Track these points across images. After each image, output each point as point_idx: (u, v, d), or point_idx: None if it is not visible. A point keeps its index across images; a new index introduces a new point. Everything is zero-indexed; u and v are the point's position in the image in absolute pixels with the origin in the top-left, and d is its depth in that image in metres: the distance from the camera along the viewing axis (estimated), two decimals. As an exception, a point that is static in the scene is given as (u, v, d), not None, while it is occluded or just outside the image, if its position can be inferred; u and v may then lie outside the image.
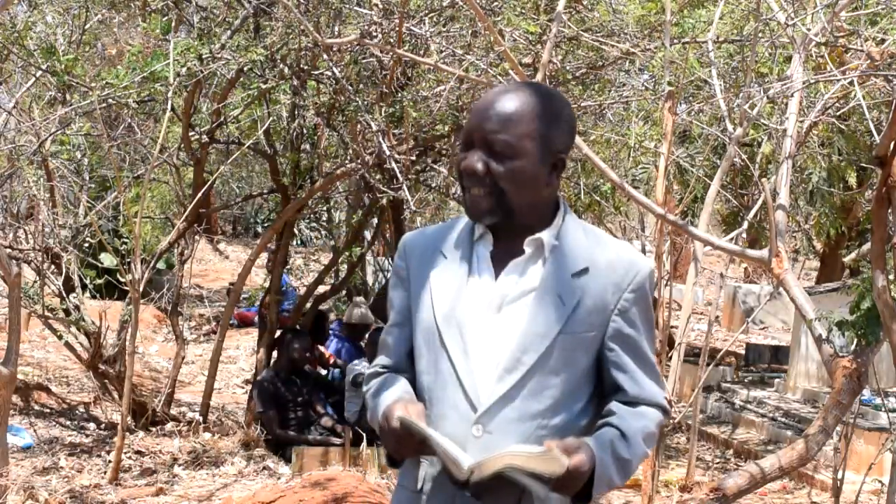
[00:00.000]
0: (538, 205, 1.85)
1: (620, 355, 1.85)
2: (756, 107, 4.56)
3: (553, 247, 1.84)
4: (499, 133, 1.78)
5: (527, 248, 1.84)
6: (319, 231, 14.11)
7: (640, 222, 11.64)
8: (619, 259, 1.84)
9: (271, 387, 6.36)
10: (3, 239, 6.50)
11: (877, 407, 6.79)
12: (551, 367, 1.80)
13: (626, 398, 1.86)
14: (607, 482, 1.76)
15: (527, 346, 1.79)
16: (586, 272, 1.82)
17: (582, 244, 1.85)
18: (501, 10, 5.33)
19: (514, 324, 1.81)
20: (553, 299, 1.80)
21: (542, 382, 1.80)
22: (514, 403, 1.79)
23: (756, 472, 3.75)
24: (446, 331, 1.83)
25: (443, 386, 1.84)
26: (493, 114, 1.79)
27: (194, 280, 10.61)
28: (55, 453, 5.79)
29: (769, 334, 13.39)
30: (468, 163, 1.81)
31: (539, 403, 1.80)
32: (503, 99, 1.81)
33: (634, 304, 1.84)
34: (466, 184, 1.83)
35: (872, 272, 3.41)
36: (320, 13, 5.52)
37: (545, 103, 1.82)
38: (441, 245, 1.91)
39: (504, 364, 1.80)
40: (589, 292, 1.81)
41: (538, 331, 1.79)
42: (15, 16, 6.82)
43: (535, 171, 1.81)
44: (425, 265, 1.90)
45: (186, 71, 5.44)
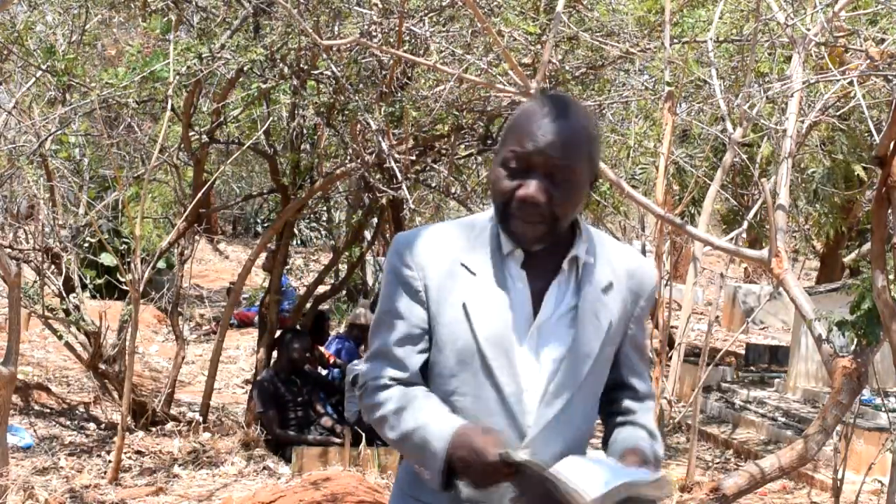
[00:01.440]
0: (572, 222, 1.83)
1: (632, 358, 1.91)
2: (756, 107, 4.57)
3: (585, 264, 1.82)
4: (562, 160, 1.72)
5: (566, 265, 1.80)
6: (319, 231, 14.12)
7: (641, 222, 11.64)
8: (635, 269, 1.88)
9: (271, 387, 6.36)
10: (3, 239, 6.51)
11: (877, 407, 6.79)
12: (593, 386, 1.84)
13: (637, 395, 1.93)
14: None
15: (574, 368, 1.78)
16: (611, 287, 1.83)
17: (604, 257, 1.85)
18: (501, 11, 5.33)
19: (557, 346, 1.78)
20: (591, 319, 1.79)
21: (583, 401, 1.82)
22: (561, 424, 1.79)
23: (756, 472, 3.75)
24: (491, 354, 1.76)
25: (486, 410, 1.77)
26: (555, 138, 1.71)
27: (194, 280, 10.61)
28: (55, 453, 5.79)
29: (769, 334, 13.40)
30: (530, 192, 1.72)
31: (574, 419, 1.81)
32: (560, 122, 1.73)
33: (645, 311, 1.91)
34: (522, 213, 1.74)
35: (872, 272, 3.41)
36: (320, 13, 5.52)
37: (587, 121, 1.78)
38: (462, 256, 1.81)
39: (552, 389, 1.77)
40: (616, 307, 1.83)
41: (582, 352, 1.78)
42: (15, 16, 6.82)
43: (584, 193, 1.79)
44: (447, 278, 1.80)
45: (186, 70, 5.44)
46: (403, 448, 1.81)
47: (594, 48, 5.60)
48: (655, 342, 4.61)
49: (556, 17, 4.15)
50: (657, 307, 4.77)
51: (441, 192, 7.56)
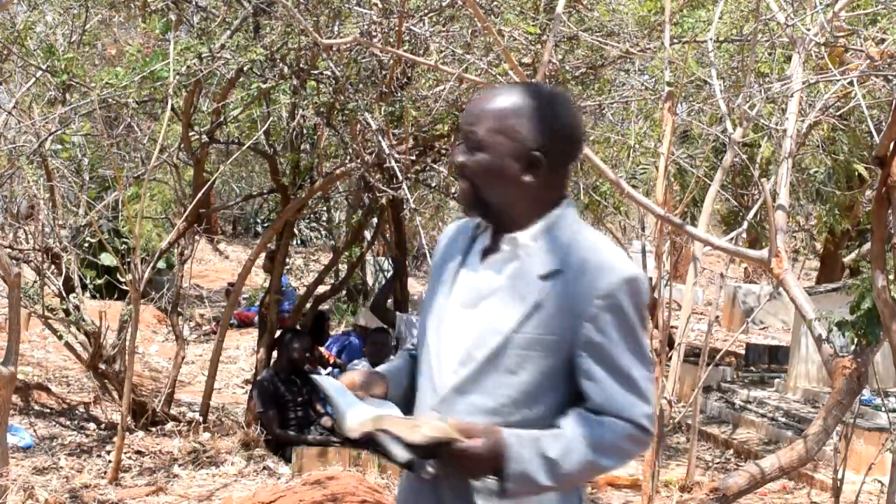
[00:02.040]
0: (520, 204, 1.87)
1: (589, 363, 1.80)
2: (756, 107, 4.56)
3: (528, 247, 1.85)
4: (471, 126, 1.86)
5: (504, 247, 1.89)
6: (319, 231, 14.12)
7: (641, 222, 11.63)
8: (594, 265, 1.80)
9: (271, 387, 6.36)
10: (3, 239, 6.50)
11: (877, 407, 6.79)
12: (505, 366, 1.82)
13: (590, 406, 1.80)
14: (524, 478, 1.74)
15: (480, 341, 1.84)
16: (557, 275, 1.81)
17: (561, 246, 1.83)
18: (501, 11, 5.33)
19: (475, 319, 1.87)
20: (514, 299, 1.83)
21: (496, 380, 1.82)
22: (469, 397, 1.84)
23: (756, 472, 3.75)
24: (430, 321, 1.95)
25: (421, 372, 1.96)
26: (474, 108, 1.88)
27: (194, 280, 10.60)
28: (55, 453, 5.79)
29: (769, 334, 13.39)
30: (454, 155, 1.92)
31: (492, 400, 1.83)
32: (487, 97, 1.89)
33: (606, 312, 1.78)
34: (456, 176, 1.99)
35: (872, 272, 3.41)
36: (320, 13, 5.52)
37: (531, 102, 1.85)
38: (455, 237, 2.02)
39: (460, 357, 1.86)
40: (555, 295, 1.80)
41: (493, 328, 1.83)
42: (15, 16, 6.82)
43: (503, 166, 1.84)
44: (442, 258, 2.02)
45: (186, 70, 5.44)
46: None
47: (594, 48, 5.59)
48: (655, 342, 4.61)
49: (556, 17, 4.15)
50: (657, 307, 4.76)
51: (441, 192, 7.57)
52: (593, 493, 6.06)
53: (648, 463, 4.39)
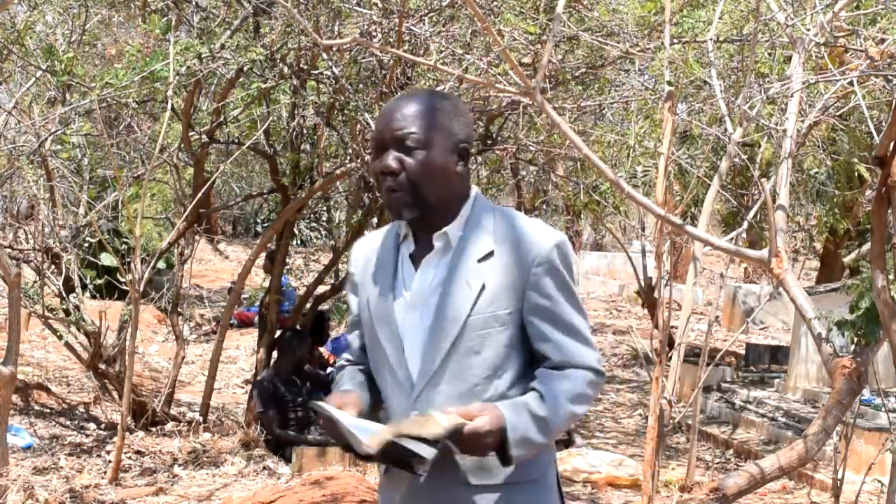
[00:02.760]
0: (451, 198, 2.00)
1: (540, 326, 1.97)
2: (756, 107, 4.56)
3: (459, 238, 1.99)
4: (407, 128, 1.94)
5: (436, 243, 2.00)
6: (319, 231, 14.11)
7: (640, 222, 11.63)
8: (523, 238, 1.97)
9: (271, 387, 6.36)
10: (3, 239, 6.50)
11: (877, 407, 6.79)
12: (469, 348, 1.95)
13: (552, 364, 1.98)
14: (524, 441, 1.88)
15: (441, 332, 1.95)
16: (491, 255, 1.96)
17: (488, 230, 1.98)
18: (501, 10, 5.33)
19: (428, 313, 1.97)
20: (460, 286, 1.95)
21: (463, 363, 1.95)
22: (441, 387, 1.96)
23: (756, 473, 3.75)
24: (380, 329, 2.02)
25: (383, 376, 2.05)
26: (398, 115, 1.96)
27: (194, 280, 10.60)
28: (55, 453, 5.79)
29: (769, 334, 13.39)
30: (384, 163, 1.96)
31: (464, 383, 1.95)
32: (403, 102, 2.00)
33: (545, 276, 1.95)
34: (384, 184, 1.97)
35: (872, 272, 3.41)
36: (319, 13, 5.51)
37: (440, 100, 2.02)
38: (377, 249, 2.10)
39: (423, 352, 1.97)
40: (495, 273, 1.95)
41: (449, 316, 1.95)
42: (15, 16, 6.82)
43: (445, 160, 1.97)
44: (365, 269, 2.10)
45: (186, 70, 5.44)
46: None
47: (594, 48, 5.59)
48: (655, 342, 4.61)
49: (556, 17, 4.15)
50: (657, 307, 4.76)
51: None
52: (593, 493, 6.06)
53: (648, 463, 4.38)
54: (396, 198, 1.96)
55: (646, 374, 9.89)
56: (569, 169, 7.85)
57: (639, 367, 10.94)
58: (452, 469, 1.93)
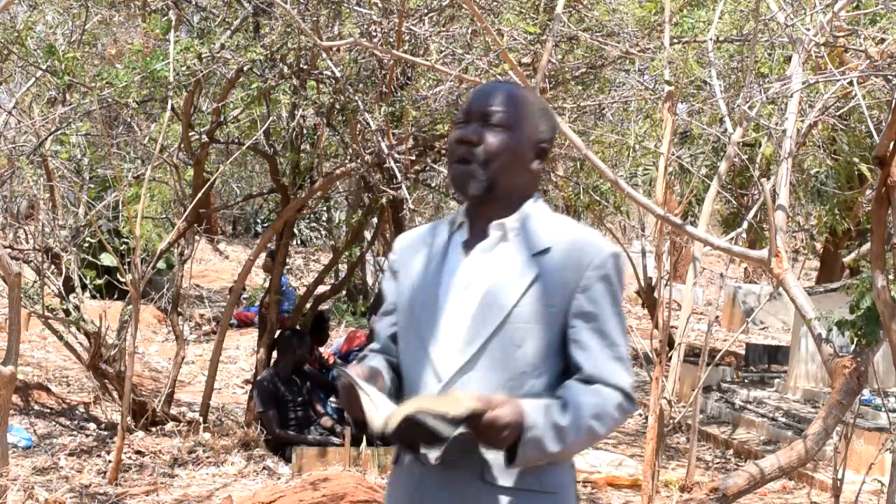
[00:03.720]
0: (518, 190, 1.98)
1: (581, 332, 1.91)
2: (756, 107, 4.56)
3: (516, 230, 1.96)
4: (497, 107, 1.94)
5: (492, 232, 1.97)
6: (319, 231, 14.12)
7: (640, 222, 11.64)
8: (581, 240, 1.94)
9: (271, 387, 6.36)
10: (3, 239, 6.50)
11: (877, 407, 6.79)
12: (511, 340, 1.89)
13: (584, 376, 1.90)
14: (537, 444, 1.80)
15: (484, 318, 1.90)
16: (547, 252, 1.92)
17: (546, 228, 1.96)
18: (501, 10, 5.32)
19: (475, 300, 1.92)
20: (512, 276, 1.91)
21: (503, 353, 1.89)
22: (475, 374, 1.90)
23: (756, 473, 3.75)
24: (419, 312, 1.97)
25: (415, 362, 1.97)
26: (493, 91, 1.97)
27: (194, 280, 10.61)
28: (55, 453, 5.79)
29: (769, 334, 13.39)
30: (464, 132, 1.94)
31: (499, 374, 1.89)
32: (498, 85, 2.03)
33: (597, 282, 1.90)
34: (458, 153, 1.95)
35: (872, 272, 3.41)
36: (319, 13, 5.51)
37: (535, 98, 2.05)
38: (427, 238, 2.06)
39: (464, 336, 1.91)
40: (549, 270, 1.91)
41: (495, 303, 1.90)
42: (15, 16, 6.82)
43: (522, 150, 1.96)
44: (411, 257, 2.05)
45: (186, 70, 5.44)
46: None
47: (594, 48, 5.59)
48: (655, 342, 4.61)
49: (556, 17, 4.15)
50: (657, 307, 4.76)
51: (441, 192, 7.57)
52: (593, 493, 6.06)
53: (648, 463, 4.39)
54: (466, 170, 1.93)
55: (646, 374, 9.88)
56: (569, 169, 7.85)
57: (639, 367, 10.93)
58: (467, 463, 1.87)
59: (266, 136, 6.46)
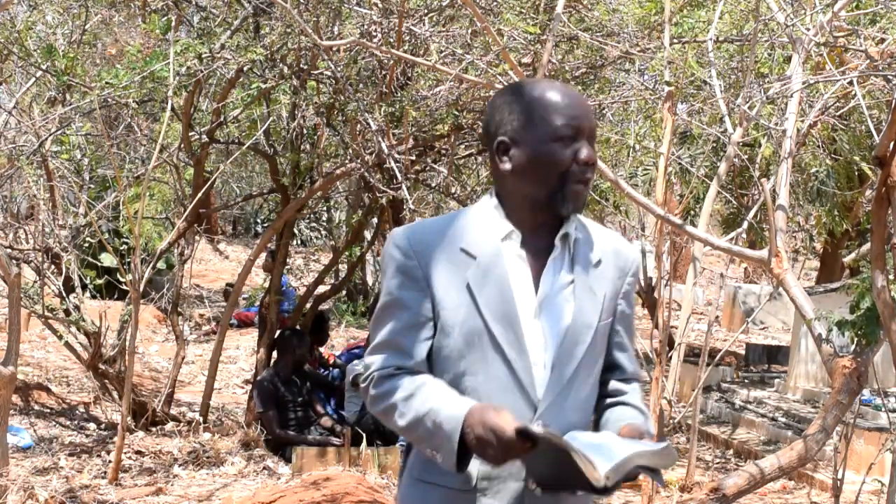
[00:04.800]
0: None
1: (623, 336, 1.98)
2: (756, 107, 4.57)
3: (576, 239, 1.92)
4: (594, 124, 1.91)
5: (558, 243, 1.90)
6: (319, 231, 14.12)
7: (640, 222, 11.64)
8: (620, 247, 1.97)
9: (271, 387, 6.36)
10: (3, 239, 6.50)
11: (877, 407, 6.79)
12: (592, 356, 1.90)
13: (626, 376, 1.99)
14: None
15: (576, 338, 1.87)
16: (601, 263, 1.93)
17: (591, 235, 1.95)
18: (501, 10, 5.32)
19: (559, 318, 1.86)
20: (588, 292, 1.89)
21: (586, 371, 1.90)
22: (569, 394, 1.87)
23: (756, 473, 3.75)
24: (498, 330, 1.82)
25: (497, 386, 1.83)
26: (588, 108, 1.89)
27: (194, 280, 10.61)
28: (55, 453, 5.79)
29: (769, 334, 13.39)
30: (590, 154, 1.85)
31: (583, 391, 1.91)
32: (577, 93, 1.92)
33: (632, 288, 1.98)
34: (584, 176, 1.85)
35: (872, 272, 3.41)
36: (320, 13, 5.51)
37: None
38: (460, 242, 1.86)
39: (559, 360, 1.86)
40: (607, 281, 1.93)
41: (584, 321, 1.87)
42: (15, 16, 6.82)
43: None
44: (446, 264, 1.85)
45: (186, 71, 5.44)
46: (414, 434, 1.83)
47: (594, 48, 5.59)
48: (655, 342, 4.61)
49: (556, 17, 4.15)
50: (657, 307, 4.76)
51: (441, 192, 7.56)
52: (593, 493, 6.05)
53: (648, 463, 4.38)
54: (586, 190, 1.88)
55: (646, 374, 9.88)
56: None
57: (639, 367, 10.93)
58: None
59: (266, 136, 6.47)
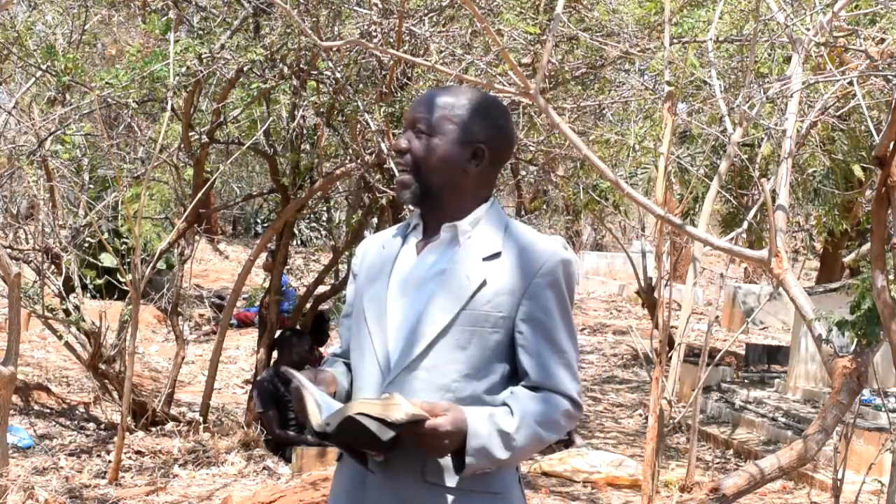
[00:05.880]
0: (459, 192, 1.99)
1: (529, 339, 1.92)
2: (756, 107, 4.56)
3: (467, 232, 1.97)
4: (421, 113, 1.98)
5: (443, 233, 1.98)
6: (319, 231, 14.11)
7: (640, 222, 11.64)
8: (533, 246, 1.95)
9: (271, 387, 6.36)
10: (3, 239, 6.50)
11: (877, 407, 6.79)
12: (456, 342, 1.90)
13: (531, 383, 1.92)
14: (483, 452, 1.83)
15: (431, 319, 1.91)
16: (497, 256, 1.94)
17: (498, 234, 1.97)
18: (501, 11, 5.33)
19: (420, 300, 1.95)
20: (460, 279, 1.93)
21: (447, 355, 1.90)
22: (419, 374, 1.91)
23: (755, 473, 3.75)
24: (369, 308, 1.99)
25: (361, 356, 2.00)
26: (421, 100, 2.02)
27: (194, 280, 10.60)
28: (55, 453, 5.79)
29: (769, 334, 13.39)
30: (396, 141, 2.02)
31: (444, 376, 1.90)
32: (433, 91, 2.04)
33: (546, 289, 1.92)
34: (397, 161, 2.04)
35: (872, 272, 3.41)
36: (319, 13, 5.51)
37: (475, 98, 2.01)
38: (384, 240, 2.09)
39: (409, 336, 1.93)
40: (498, 274, 1.92)
41: (442, 305, 1.91)
42: (15, 16, 6.82)
43: (451, 150, 1.97)
44: (366, 259, 2.08)
45: (186, 71, 5.44)
46: None
47: (594, 48, 5.59)
48: (655, 342, 4.61)
49: (556, 17, 4.15)
50: (657, 307, 4.76)
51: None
52: (593, 493, 6.06)
53: (648, 463, 4.39)
54: (402, 179, 1.99)
55: (646, 374, 9.89)
56: (569, 169, 7.85)
57: (639, 367, 10.94)
58: (409, 464, 1.88)
59: (266, 136, 6.47)
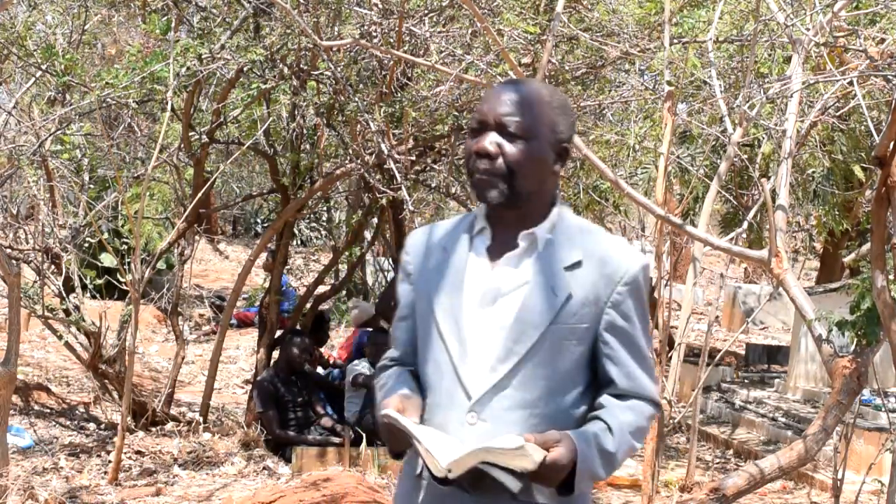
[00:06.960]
0: (541, 194, 1.91)
1: (614, 348, 1.88)
2: (756, 107, 4.56)
3: (547, 241, 1.89)
4: (513, 115, 1.85)
5: (521, 242, 1.89)
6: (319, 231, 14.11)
7: (640, 222, 11.63)
8: (613, 253, 1.88)
9: (271, 387, 6.36)
10: (3, 239, 6.50)
11: (877, 407, 6.79)
12: (543, 358, 1.85)
13: (617, 391, 1.89)
14: (590, 475, 1.82)
15: (519, 336, 1.84)
16: (579, 265, 1.87)
17: (576, 238, 1.90)
18: (501, 10, 5.32)
19: (507, 315, 1.86)
20: (545, 291, 1.85)
21: (534, 372, 1.85)
22: (507, 392, 1.84)
23: (755, 473, 3.75)
24: (443, 321, 1.89)
25: (440, 375, 1.90)
26: (507, 98, 1.87)
27: (194, 280, 10.61)
28: (55, 453, 5.79)
29: (769, 334, 13.39)
30: (481, 144, 1.86)
31: (531, 392, 1.85)
32: (515, 87, 1.91)
33: (628, 297, 1.87)
34: (478, 165, 1.87)
35: (872, 272, 3.42)
36: (319, 13, 5.51)
37: (552, 93, 1.93)
38: (443, 240, 1.97)
39: (497, 354, 1.85)
40: (581, 284, 1.86)
41: (530, 321, 1.84)
42: (15, 16, 6.82)
43: (545, 154, 1.88)
44: (427, 259, 1.96)
45: (186, 71, 5.44)
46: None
47: (594, 48, 5.59)
48: (655, 342, 4.60)
49: (556, 17, 4.15)
50: (657, 307, 4.76)
51: (441, 192, 7.57)
52: (593, 493, 6.06)
53: (648, 463, 4.39)
54: (485, 182, 1.86)
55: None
56: (569, 169, 7.85)
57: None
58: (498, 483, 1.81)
59: (266, 136, 6.47)
